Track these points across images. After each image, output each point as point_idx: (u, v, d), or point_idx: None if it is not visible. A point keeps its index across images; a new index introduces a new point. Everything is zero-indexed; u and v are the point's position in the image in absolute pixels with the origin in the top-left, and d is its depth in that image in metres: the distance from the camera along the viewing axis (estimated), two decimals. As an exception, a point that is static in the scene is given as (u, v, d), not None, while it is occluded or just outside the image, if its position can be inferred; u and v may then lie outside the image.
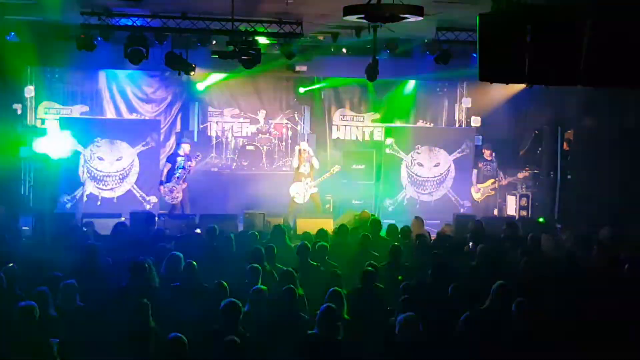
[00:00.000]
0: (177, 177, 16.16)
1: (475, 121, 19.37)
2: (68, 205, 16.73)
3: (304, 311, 8.13)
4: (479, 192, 17.79)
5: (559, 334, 7.49)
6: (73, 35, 14.17)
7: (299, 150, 16.54)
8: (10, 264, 9.48)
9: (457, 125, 20.04)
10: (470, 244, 11.86)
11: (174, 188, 16.19)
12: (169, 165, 16.34)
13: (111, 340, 7.27)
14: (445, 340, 7.43)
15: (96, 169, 17.08)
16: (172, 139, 19.15)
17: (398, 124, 19.88)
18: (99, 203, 16.95)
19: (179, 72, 15.27)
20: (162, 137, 18.10)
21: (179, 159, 16.28)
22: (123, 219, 14.35)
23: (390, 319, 7.64)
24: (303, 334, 7.31)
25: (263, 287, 8.30)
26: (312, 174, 16.27)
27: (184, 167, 16.23)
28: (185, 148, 16.41)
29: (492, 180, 17.72)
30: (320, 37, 15.99)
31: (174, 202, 16.24)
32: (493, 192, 17.83)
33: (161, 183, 16.31)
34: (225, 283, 8.19)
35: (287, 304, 7.94)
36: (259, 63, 13.84)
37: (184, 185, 16.28)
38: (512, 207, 17.86)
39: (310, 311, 8.13)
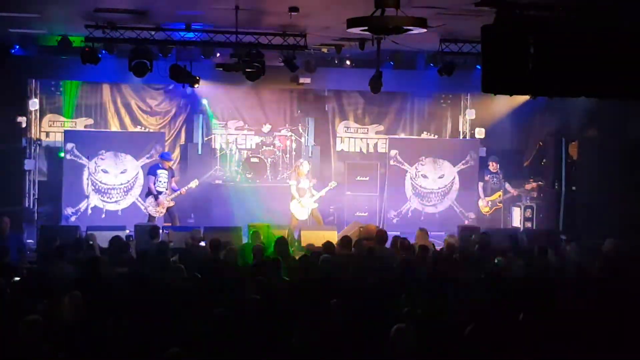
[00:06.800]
0: (164, 192, 15.61)
1: (480, 132, 19.37)
2: (72, 218, 16.74)
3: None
4: (488, 205, 17.80)
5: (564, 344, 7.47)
6: (77, 48, 14.21)
7: (299, 169, 16.38)
8: (16, 278, 9.50)
9: (461, 136, 20.04)
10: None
11: (161, 200, 15.63)
12: (152, 178, 15.68)
13: (117, 354, 7.25)
14: (443, 351, 7.41)
15: (100, 182, 17.11)
16: (177, 152, 19.18)
17: (402, 135, 19.89)
18: (103, 216, 16.97)
19: (183, 84, 15.30)
20: (166, 149, 18.10)
21: (159, 171, 15.69)
22: (127, 231, 14.37)
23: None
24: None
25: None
26: (310, 190, 16.19)
27: (167, 183, 15.69)
28: (166, 164, 15.84)
29: (500, 192, 17.72)
30: (324, 50, 16.02)
31: (156, 215, 15.70)
32: (501, 204, 17.84)
33: (158, 194, 15.62)
34: None
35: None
36: (263, 75, 13.86)
37: (172, 204, 15.75)
38: (517, 218, 17.83)
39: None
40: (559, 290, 9.44)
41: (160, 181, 15.60)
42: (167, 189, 15.59)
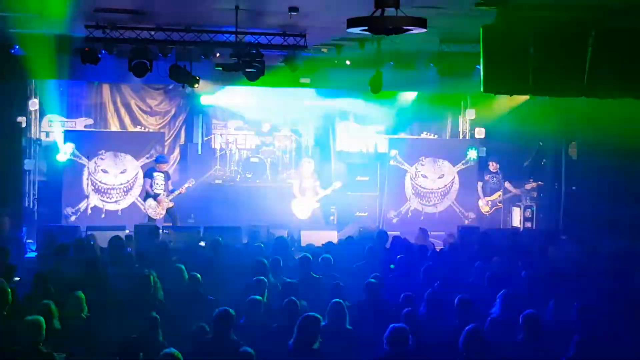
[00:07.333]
0: (162, 194, 15.62)
1: (479, 132, 19.36)
2: (72, 218, 16.74)
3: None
4: (488, 205, 17.79)
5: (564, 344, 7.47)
6: (77, 48, 14.20)
7: (302, 165, 16.46)
8: (16, 278, 9.50)
9: (461, 136, 20.04)
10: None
11: (161, 200, 15.64)
12: (148, 181, 15.73)
13: (117, 355, 7.25)
14: (443, 351, 7.41)
15: (100, 182, 17.11)
16: (177, 152, 19.19)
17: (402, 135, 19.89)
18: (103, 216, 16.98)
19: (183, 84, 15.30)
20: (166, 149, 18.12)
21: (155, 174, 15.72)
22: (127, 231, 14.37)
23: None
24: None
25: (258, 297, 8.33)
26: (314, 189, 16.20)
27: (164, 185, 15.71)
28: (162, 166, 15.85)
29: (499, 192, 17.72)
30: (324, 50, 16.01)
31: (156, 217, 15.71)
32: (501, 204, 17.84)
33: (156, 196, 15.67)
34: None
35: (287, 316, 7.95)
36: (262, 75, 13.86)
37: (171, 205, 15.78)
38: (516, 218, 17.84)
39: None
40: (559, 290, 9.45)
41: (157, 183, 15.63)
42: (164, 191, 15.61)
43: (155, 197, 15.53)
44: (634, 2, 8.46)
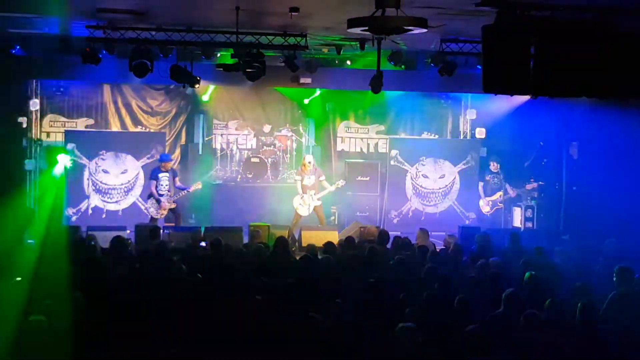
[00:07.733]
0: (166, 195, 15.69)
1: (480, 132, 19.36)
2: (73, 218, 16.75)
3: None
4: (488, 205, 17.79)
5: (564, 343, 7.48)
6: (78, 49, 14.22)
7: (303, 163, 16.53)
8: (18, 278, 9.51)
9: (461, 136, 20.04)
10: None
11: (163, 203, 15.66)
12: (153, 183, 15.75)
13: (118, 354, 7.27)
14: (446, 351, 7.41)
15: (101, 182, 17.13)
16: (177, 152, 19.20)
17: (403, 135, 19.90)
18: (104, 216, 16.99)
19: (183, 85, 15.31)
20: (167, 149, 18.13)
21: (160, 175, 15.75)
22: (128, 232, 14.38)
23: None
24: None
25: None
26: (316, 186, 16.25)
27: (169, 185, 15.74)
28: (167, 165, 15.87)
29: (500, 192, 17.72)
30: (325, 50, 16.02)
31: (157, 217, 15.75)
32: (502, 204, 17.84)
33: (160, 197, 15.66)
34: None
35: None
36: (263, 75, 13.86)
37: (173, 206, 15.82)
38: (517, 218, 17.84)
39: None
40: (559, 290, 9.45)
41: (162, 185, 15.64)
42: (169, 191, 15.64)
43: (159, 198, 15.56)
44: (635, 2, 8.47)
